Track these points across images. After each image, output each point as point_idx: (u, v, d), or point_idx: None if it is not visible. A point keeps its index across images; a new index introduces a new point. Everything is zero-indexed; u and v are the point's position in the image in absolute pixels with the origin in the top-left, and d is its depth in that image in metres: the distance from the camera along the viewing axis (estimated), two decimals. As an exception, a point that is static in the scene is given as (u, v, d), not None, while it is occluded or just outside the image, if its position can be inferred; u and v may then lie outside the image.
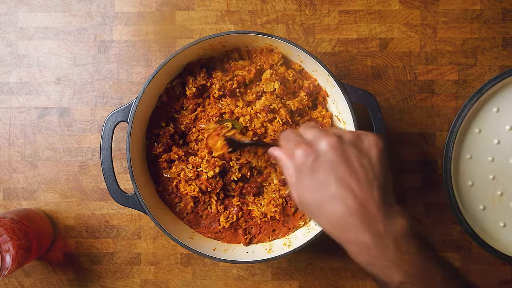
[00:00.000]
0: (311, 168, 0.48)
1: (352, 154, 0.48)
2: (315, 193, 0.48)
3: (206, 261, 0.82)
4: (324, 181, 0.48)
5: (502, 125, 0.79)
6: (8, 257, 0.67)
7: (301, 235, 0.73)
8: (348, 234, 0.47)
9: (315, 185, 0.48)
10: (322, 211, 0.48)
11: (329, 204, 0.48)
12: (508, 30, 0.81)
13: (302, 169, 0.49)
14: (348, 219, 0.47)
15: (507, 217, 0.80)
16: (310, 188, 0.49)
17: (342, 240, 0.49)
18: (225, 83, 0.72)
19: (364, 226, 0.46)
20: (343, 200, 0.47)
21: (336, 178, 0.47)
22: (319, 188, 0.48)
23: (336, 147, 0.48)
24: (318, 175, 0.48)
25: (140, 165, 0.73)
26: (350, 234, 0.47)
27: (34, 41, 0.82)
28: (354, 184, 0.47)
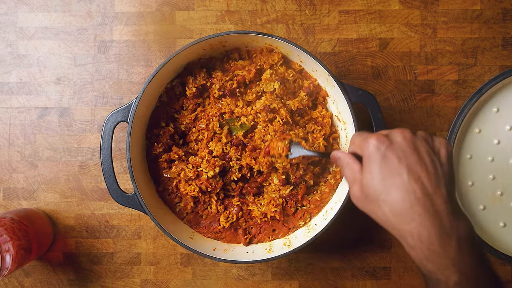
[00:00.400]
0: (384, 155, 0.49)
1: (423, 149, 0.50)
2: (384, 179, 0.49)
3: (206, 261, 0.82)
4: (395, 169, 0.49)
5: (502, 125, 0.79)
6: (8, 257, 0.67)
7: (301, 235, 0.73)
8: (412, 224, 0.47)
9: (386, 172, 0.49)
10: (388, 198, 0.49)
11: (397, 190, 0.48)
12: (508, 30, 0.81)
13: (374, 157, 0.50)
14: (415, 209, 0.47)
15: (507, 217, 0.80)
16: (380, 175, 0.49)
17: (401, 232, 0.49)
18: (225, 83, 0.72)
19: (430, 218, 0.47)
20: (412, 189, 0.47)
21: (408, 168, 0.48)
22: (389, 175, 0.49)
23: (409, 139, 0.50)
24: (390, 163, 0.49)
25: (140, 165, 0.73)
26: (414, 225, 0.47)
27: (34, 41, 0.82)
28: (424, 176, 0.48)
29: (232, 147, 0.72)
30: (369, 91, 0.73)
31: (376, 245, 0.82)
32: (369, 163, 0.50)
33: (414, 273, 0.81)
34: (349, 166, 0.54)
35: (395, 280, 0.81)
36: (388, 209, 0.49)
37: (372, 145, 0.50)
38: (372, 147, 0.50)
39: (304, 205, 0.75)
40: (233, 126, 0.73)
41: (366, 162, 0.51)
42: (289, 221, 0.75)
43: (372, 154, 0.50)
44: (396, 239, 0.81)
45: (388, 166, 0.49)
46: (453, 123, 0.79)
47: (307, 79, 0.75)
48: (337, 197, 0.73)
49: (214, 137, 0.73)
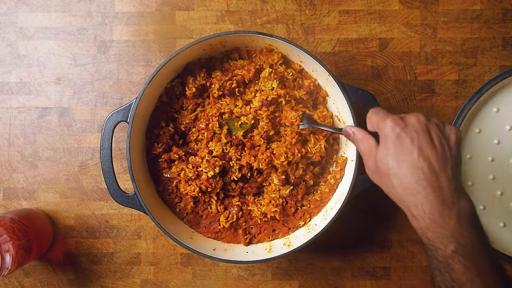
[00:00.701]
0: (398, 135, 0.55)
1: (434, 133, 0.55)
2: (396, 156, 0.54)
3: (206, 261, 0.82)
4: (408, 148, 0.54)
5: (502, 125, 0.79)
6: (8, 257, 0.67)
7: (301, 235, 0.73)
8: (417, 196, 0.53)
9: (398, 150, 0.54)
10: (400, 170, 0.54)
11: (407, 167, 0.53)
12: (508, 30, 0.81)
13: (389, 136, 0.55)
14: (421, 183, 0.53)
15: (507, 217, 0.80)
16: (393, 151, 0.55)
17: (407, 202, 0.54)
18: (224, 83, 0.72)
19: (434, 192, 0.52)
20: (421, 166, 0.53)
21: (419, 147, 0.54)
22: (401, 153, 0.54)
23: (423, 123, 0.55)
24: (403, 142, 0.54)
25: (140, 165, 0.73)
26: (419, 197, 0.53)
27: (34, 41, 0.82)
28: (432, 156, 0.53)
29: (232, 147, 0.72)
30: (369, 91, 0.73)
31: (376, 245, 0.82)
32: (384, 140, 0.56)
33: (414, 273, 0.81)
34: (365, 140, 0.60)
35: (395, 280, 0.81)
36: (397, 182, 0.55)
37: (389, 125, 0.55)
38: (388, 127, 0.55)
39: (304, 205, 0.75)
40: (233, 126, 0.73)
41: (382, 140, 0.56)
42: (289, 221, 0.75)
43: (388, 133, 0.55)
44: (396, 238, 0.81)
45: (401, 145, 0.54)
46: (453, 123, 0.79)
47: (307, 79, 0.75)
48: (337, 197, 0.73)
49: (214, 137, 0.73)
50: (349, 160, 0.73)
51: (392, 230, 0.82)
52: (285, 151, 0.70)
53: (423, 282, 0.81)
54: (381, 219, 0.82)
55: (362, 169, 0.68)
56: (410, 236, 0.81)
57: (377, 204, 0.81)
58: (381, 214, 0.82)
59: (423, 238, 0.53)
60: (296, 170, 0.73)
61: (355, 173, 0.68)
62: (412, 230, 0.81)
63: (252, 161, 0.72)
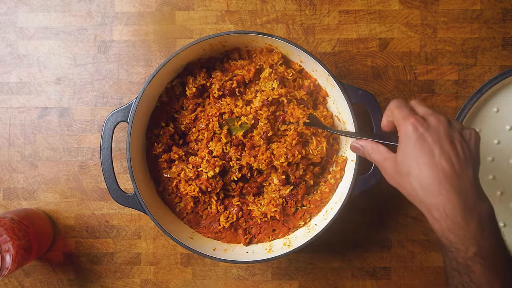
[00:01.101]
0: (420, 136, 0.54)
1: (456, 137, 0.55)
2: (417, 157, 0.54)
3: (206, 261, 0.82)
4: (429, 149, 0.54)
5: (502, 125, 0.79)
6: (8, 257, 0.67)
7: (301, 235, 0.73)
8: (438, 198, 0.53)
9: (420, 151, 0.54)
10: (420, 172, 0.54)
11: (429, 168, 0.53)
12: (508, 30, 0.81)
13: (411, 137, 0.55)
14: (443, 185, 0.53)
15: (507, 217, 0.80)
16: (414, 153, 0.54)
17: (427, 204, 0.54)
18: (224, 83, 0.72)
19: (456, 195, 0.52)
20: (442, 168, 0.53)
21: (440, 149, 0.54)
22: (422, 154, 0.54)
23: (446, 127, 0.55)
24: (425, 143, 0.54)
25: (140, 165, 0.73)
26: (440, 198, 0.52)
27: (34, 41, 0.82)
28: (454, 158, 0.53)
29: (232, 147, 0.72)
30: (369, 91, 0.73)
31: (376, 245, 0.82)
32: (405, 141, 0.56)
33: (414, 273, 0.81)
34: (375, 149, 0.61)
35: (395, 280, 0.81)
36: (418, 184, 0.54)
37: (412, 125, 0.55)
38: (411, 127, 0.55)
39: (304, 205, 0.75)
40: (233, 126, 0.73)
41: (403, 140, 0.56)
42: (289, 221, 0.75)
43: (410, 134, 0.55)
44: (396, 238, 0.81)
45: (423, 146, 0.54)
46: (453, 123, 0.79)
47: (307, 79, 0.75)
48: (337, 197, 0.73)
49: (214, 137, 0.73)
50: (349, 160, 0.73)
51: (392, 230, 0.82)
52: (285, 152, 0.71)
53: (423, 282, 0.81)
54: (381, 219, 0.82)
55: (362, 169, 0.68)
56: (410, 236, 0.81)
57: (377, 204, 0.81)
58: (381, 214, 0.82)
59: (443, 240, 0.53)
60: (296, 170, 0.73)
61: (355, 173, 0.68)
62: (412, 230, 0.81)
63: (252, 161, 0.72)
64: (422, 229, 0.81)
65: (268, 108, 0.71)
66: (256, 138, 0.72)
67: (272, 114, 0.72)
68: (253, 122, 0.72)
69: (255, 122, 0.72)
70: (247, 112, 0.72)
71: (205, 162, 0.71)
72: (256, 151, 0.72)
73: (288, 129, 0.72)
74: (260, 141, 0.72)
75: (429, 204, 0.54)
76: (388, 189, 0.81)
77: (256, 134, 0.72)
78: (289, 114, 0.72)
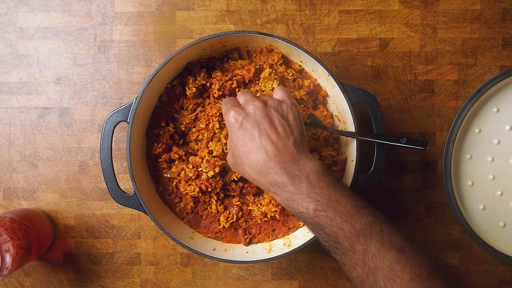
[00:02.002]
0: (241, 125, 0.59)
1: (274, 115, 0.59)
2: (243, 145, 0.59)
3: (206, 261, 0.82)
4: (250, 135, 0.58)
5: (502, 125, 0.79)
6: (8, 257, 0.67)
7: (301, 235, 0.73)
8: (269, 176, 0.58)
9: (243, 139, 0.59)
10: (248, 159, 0.59)
11: (254, 153, 0.58)
12: (508, 30, 0.81)
13: (234, 127, 0.59)
14: (269, 164, 0.57)
15: (507, 217, 0.80)
16: (239, 142, 0.59)
17: (265, 184, 0.59)
18: (224, 83, 0.72)
19: (281, 169, 0.57)
20: (265, 149, 0.58)
21: (260, 132, 0.58)
22: (246, 141, 0.58)
23: (261, 109, 0.59)
24: (246, 130, 0.58)
25: (140, 165, 0.73)
26: (271, 176, 0.57)
27: (34, 41, 0.82)
28: (274, 136, 0.58)
29: (232, 147, 0.72)
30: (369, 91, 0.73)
31: (376, 245, 0.82)
32: (230, 132, 0.61)
33: (414, 273, 0.81)
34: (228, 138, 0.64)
35: (395, 280, 0.81)
36: (251, 170, 0.59)
37: (232, 116, 0.59)
38: (232, 118, 0.59)
39: (304, 205, 0.75)
40: None
41: (229, 132, 0.61)
42: (289, 221, 0.75)
43: (232, 125, 0.60)
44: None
45: (244, 134, 0.58)
46: (453, 123, 0.79)
47: (307, 79, 0.75)
48: (337, 197, 0.73)
49: (214, 137, 0.73)
50: (349, 160, 0.73)
51: (392, 230, 0.82)
52: None
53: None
54: (381, 219, 0.82)
55: (362, 169, 0.68)
56: (410, 236, 0.81)
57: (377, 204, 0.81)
58: (381, 214, 0.82)
59: (289, 210, 0.58)
60: (296, 170, 0.73)
61: (355, 173, 0.69)
62: (412, 230, 0.81)
63: None
64: (422, 229, 0.81)
65: None
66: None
67: None
68: None
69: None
70: (247, 112, 0.72)
71: (205, 162, 0.71)
72: None
73: None
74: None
75: (265, 183, 0.58)
76: (388, 189, 0.81)
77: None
78: None
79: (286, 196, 0.57)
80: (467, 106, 0.78)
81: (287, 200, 0.57)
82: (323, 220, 0.55)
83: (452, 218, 0.81)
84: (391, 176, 0.81)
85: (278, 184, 0.57)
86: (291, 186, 0.56)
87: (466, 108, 0.78)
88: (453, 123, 0.79)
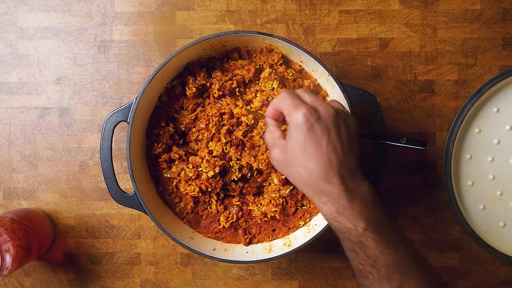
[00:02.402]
0: (311, 127, 0.56)
1: (342, 126, 0.58)
2: (307, 148, 0.56)
3: (206, 261, 0.82)
4: (319, 139, 0.56)
5: (502, 125, 0.79)
6: (8, 257, 0.67)
7: (301, 235, 0.73)
8: (324, 186, 0.56)
9: (309, 142, 0.56)
10: (307, 163, 0.56)
11: (317, 159, 0.56)
12: (508, 30, 0.81)
13: (303, 126, 0.56)
14: (329, 174, 0.56)
15: (507, 217, 0.80)
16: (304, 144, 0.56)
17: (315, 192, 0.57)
18: (224, 83, 0.72)
19: (340, 181, 0.56)
20: (329, 158, 0.56)
21: (328, 140, 0.56)
22: (312, 144, 0.56)
23: (333, 116, 0.57)
24: (315, 134, 0.56)
25: (140, 165, 0.73)
26: (326, 186, 0.56)
27: (34, 41, 0.82)
28: (339, 147, 0.57)
29: (232, 147, 0.72)
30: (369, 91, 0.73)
31: (376, 245, 0.82)
32: (295, 131, 0.56)
33: (414, 273, 0.81)
34: (272, 132, 0.61)
35: (395, 280, 0.81)
36: (307, 174, 0.57)
37: (303, 115, 0.56)
38: (303, 117, 0.56)
39: (304, 205, 0.75)
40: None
41: (293, 129, 0.57)
42: (289, 221, 0.75)
43: (301, 125, 0.56)
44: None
45: (312, 137, 0.56)
46: (453, 123, 0.79)
47: (307, 79, 0.75)
48: (337, 197, 0.72)
49: (214, 137, 0.73)
50: (349, 160, 0.73)
51: (392, 230, 0.82)
52: None
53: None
54: (381, 219, 0.82)
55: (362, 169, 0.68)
56: (410, 236, 0.81)
57: (377, 204, 0.81)
58: (381, 214, 0.82)
59: (333, 223, 0.57)
60: (296, 170, 0.73)
61: (355, 173, 0.68)
62: (412, 230, 0.81)
63: (252, 161, 0.72)
64: (422, 229, 0.81)
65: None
66: (256, 138, 0.72)
67: None
68: (253, 122, 0.72)
69: (255, 122, 0.72)
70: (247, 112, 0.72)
71: (205, 162, 0.71)
72: (256, 151, 0.72)
73: None
74: (260, 141, 0.72)
75: (317, 191, 0.57)
76: (388, 189, 0.81)
77: (256, 134, 0.72)
78: None
79: (336, 209, 0.56)
80: (467, 106, 0.78)
81: (335, 213, 0.56)
82: (369, 241, 0.54)
83: (452, 218, 0.81)
84: (391, 176, 0.81)
85: (331, 195, 0.56)
86: (345, 200, 0.55)
87: (466, 108, 0.78)
88: (453, 123, 0.79)
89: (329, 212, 0.56)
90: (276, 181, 0.74)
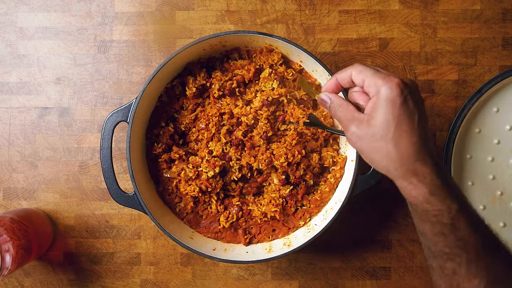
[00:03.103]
0: (405, 100, 0.52)
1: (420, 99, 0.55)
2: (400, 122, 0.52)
3: (206, 261, 0.82)
4: (411, 113, 0.52)
5: (502, 125, 0.79)
6: (8, 257, 0.67)
7: (301, 235, 0.73)
8: (417, 164, 0.52)
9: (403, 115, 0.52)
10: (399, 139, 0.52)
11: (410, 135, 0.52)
12: (508, 30, 0.81)
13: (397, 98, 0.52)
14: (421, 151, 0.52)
15: (507, 217, 0.80)
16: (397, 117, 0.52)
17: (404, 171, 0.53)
18: (224, 83, 0.72)
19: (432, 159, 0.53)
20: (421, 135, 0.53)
21: (419, 115, 0.53)
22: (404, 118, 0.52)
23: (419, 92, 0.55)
24: (408, 108, 0.52)
25: (140, 165, 0.73)
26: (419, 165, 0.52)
27: (34, 41, 0.82)
28: (427, 124, 0.54)
29: (232, 147, 0.72)
30: (369, 91, 0.73)
31: (376, 245, 0.82)
32: (386, 102, 0.52)
33: (414, 273, 0.81)
34: (344, 107, 0.57)
35: (395, 280, 0.81)
36: (396, 151, 0.52)
37: (398, 86, 0.52)
38: (398, 88, 0.52)
39: (304, 205, 0.75)
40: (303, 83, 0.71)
41: (383, 101, 0.52)
42: (289, 221, 0.75)
43: (394, 96, 0.52)
44: (396, 238, 0.81)
45: (406, 111, 0.52)
46: (453, 123, 0.79)
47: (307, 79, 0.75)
48: (337, 197, 0.73)
49: (214, 137, 0.73)
50: (349, 159, 0.73)
51: (392, 230, 0.82)
52: (285, 152, 0.71)
53: (423, 282, 0.81)
54: (381, 219, 0.82)
55: (362, 168, 0.68)
56: (410, 236, 0.81)
57: (377, 204, 0.81)
58: (381, 214, 0.82)
59: (423, 206, 0.52)
60: (296, 170, 0.73)
61: (355, 173, 0.68)
62: (412, 230, 0.81)
63: (252, 162, 0.72)
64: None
65: (268, 108, 0.71)
66: (256, 138, 0.72)
67: (272, 114, 0.72)
68: (253, 122, 0.72)
69: (255, 122, 0.72)
70: (247, 112, 0.72)
71: (205, 162, 0.71)
72: (256, 151, 0.72)
73: (288, 129, 0.72)
74: (260, 141, 0.72)
75: (406, 170, 0.53)
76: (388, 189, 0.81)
77: (256, 134, 0.72)
78: (289, 114, 0.72)
79: (429, 190, 0.51)
80: (467, 106, 0.78)
81: (429, 194, 0.52)
82: (461, 223, 0.51)
83: (452, 218, 0.81)
84: (391, 176, 0.81)
85: (424, 175, 0.52)
86: (439, 180, 0.51)
87: (466, 108, 0.78)
88: (453, 123, 0.79)
89: (420, 193, 0.52)
90: (276, 181, 0.74)
